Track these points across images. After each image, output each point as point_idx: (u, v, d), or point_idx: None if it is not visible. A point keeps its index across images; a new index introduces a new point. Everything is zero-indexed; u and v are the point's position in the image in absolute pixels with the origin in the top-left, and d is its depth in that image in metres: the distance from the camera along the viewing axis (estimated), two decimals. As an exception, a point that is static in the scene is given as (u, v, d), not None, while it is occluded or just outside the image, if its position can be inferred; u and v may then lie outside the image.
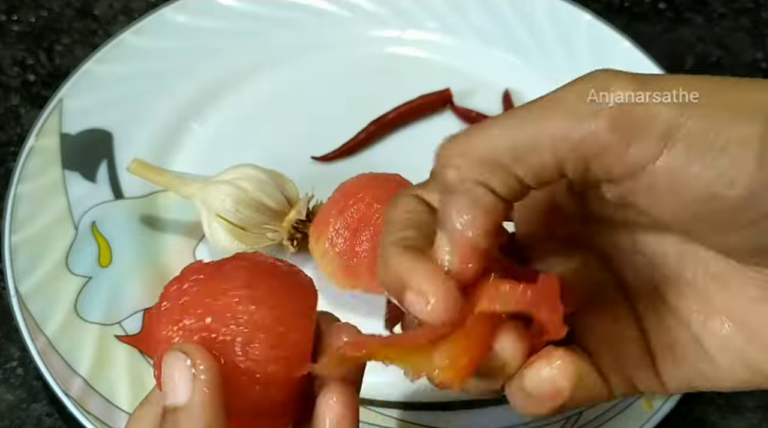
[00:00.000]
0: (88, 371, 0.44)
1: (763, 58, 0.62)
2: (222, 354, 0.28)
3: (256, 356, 0.29)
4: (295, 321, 0.30)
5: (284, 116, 0.57)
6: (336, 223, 0.45)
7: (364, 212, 0.44)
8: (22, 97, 0.59)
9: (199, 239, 0.50)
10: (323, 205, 0.47)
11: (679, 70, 0.61)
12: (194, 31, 0.58)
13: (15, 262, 0.47)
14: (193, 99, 0.56)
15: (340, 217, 0.45)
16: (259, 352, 0.29)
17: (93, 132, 0.53)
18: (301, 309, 0.30)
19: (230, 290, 0.29)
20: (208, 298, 0.29)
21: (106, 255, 0.49)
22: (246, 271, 0.30)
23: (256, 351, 0.29)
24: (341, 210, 0.45)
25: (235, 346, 0.28)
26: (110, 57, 0.56)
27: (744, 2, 0.66)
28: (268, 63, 0.59)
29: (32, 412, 0.46)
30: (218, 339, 0.29)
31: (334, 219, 0.45)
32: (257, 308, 0.29)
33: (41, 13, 0.63)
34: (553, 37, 0.59)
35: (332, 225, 0.45)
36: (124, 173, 0.52)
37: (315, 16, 0.60)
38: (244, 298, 0.29)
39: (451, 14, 0.60)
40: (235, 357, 0.28)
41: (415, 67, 0.59)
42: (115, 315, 0.46)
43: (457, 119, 0.57)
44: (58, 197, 0.50)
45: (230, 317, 0.29)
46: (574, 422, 0.43)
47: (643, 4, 0.66)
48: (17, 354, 0.48)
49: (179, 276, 0.30)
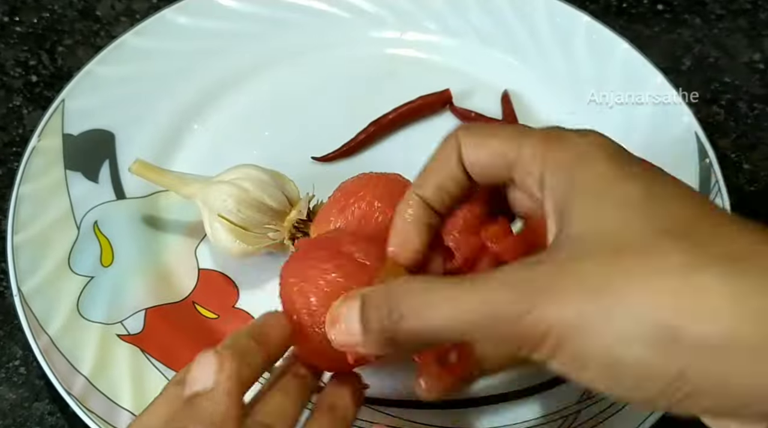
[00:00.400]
0: (90, 370, 0.44)
1: (760, 59, 0.63)
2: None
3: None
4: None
5: (284, 117, 0.57)
6: (337, 222, 0.45)
7: (365, 210, 0.45)
8: (24, 97, 0.59)
9: (200, 239, 0.51)
10: (324, 204, 0.48)
11: (677, 71, 0.62)
12: (195, 32, 0.59)
13: (17, 262, 0.47)
14: (194, 99, 0.57)
15: (340, 215, 0.45)
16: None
17: (95, 133, 0.54)
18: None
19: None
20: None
21: (107, 255, 0.49)
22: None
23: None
24: (342, 209, 0.45)
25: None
26: (112, 58, 0.56)
27: (742, 3, 0.66)
28: (269, 64, 0.59)
29: (35, 411, 0.46)
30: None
31: (335, 218, 0.45)
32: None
33: (43, 14, 0.64)
34: (552, 38, 0.59)
35: (333, 224, 0.45)
36: (126, 174, 0.52)
37: (315, 17, 0.60)
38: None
39: (450, 15, 0.61)
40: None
41: (415, 67, 0.59)
42: (117, 315, 0.47)
43: (456, 120, 0.57)
44: (60, 198, 0.50)
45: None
46: (573, 421, 0.43)
47: (642, 5, 0.66)
48: (20, 353, 0.48)
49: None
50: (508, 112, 0.56)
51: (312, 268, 0.37)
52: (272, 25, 0.60)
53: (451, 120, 0.57)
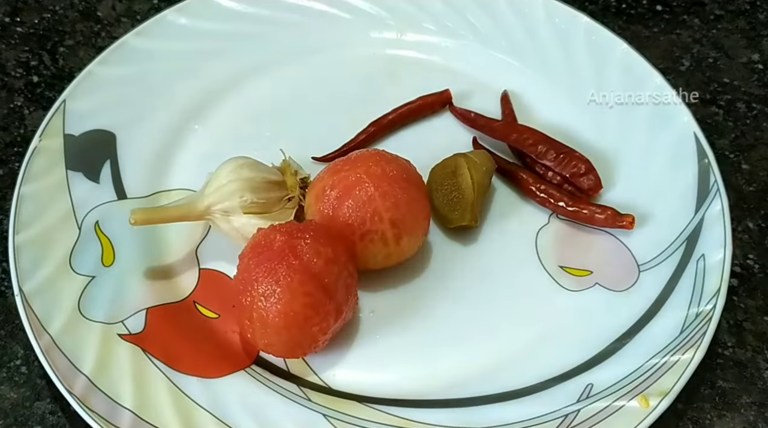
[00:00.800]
0: (91, 369, 0.44)
1: (758, 59, 0.63)
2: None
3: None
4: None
5: (285, 117, 0.57)
6: (329, 182, 0.46)
7: (353, 182, 0.46)
8: (25, 98, 0.59)
9: (201, 239, 0.51)
10: (319, 173, 0.49)
11: (676, 71, 0.62)
12: (196, 33, 0.59)
13: (19, 262, 0.47)
14: (194, 100, 0.57)
15: (332, 178, 0.46)
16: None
17: (96, 133, 0.54)
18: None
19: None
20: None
21: (109, 255, 0.49)
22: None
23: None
24: (334, 172, 0.47)
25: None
26: (113, 59, 0.56)
27: (740, 4, 0.66)
28: (269, 64, 0.59)
29: (36, 410, 0.46)
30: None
31: (327, 179, 0.47)
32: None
33: (45, 15, 0.64)
34: (552, 39, 0.59)
35: (324, 183, 0.47)
36: (127, 174, 0.52)
37: (316, 19, 0.61)
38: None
39: (450, 17, 0.61)
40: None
41: (415, 68, 0.60)
42: (118, 314, 0.47)
43: (456, 120, 0.57)
44: (61, 198, 0.50)
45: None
46: (572, 420, 0.43)
47: (641, 6, 0.66)
48: (21, 352, 0.48)
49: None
50: (507, 112, 0.57)
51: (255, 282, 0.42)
52: (272, 26, 0.60)
53: (451, 120, 0.57)
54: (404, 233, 0.46)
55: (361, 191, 0.45)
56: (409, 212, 0.46)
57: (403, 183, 0.46)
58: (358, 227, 0.45)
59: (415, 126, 0.57)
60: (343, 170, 0.46)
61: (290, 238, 0.42)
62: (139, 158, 0.54)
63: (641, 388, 0.43)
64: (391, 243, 0.46)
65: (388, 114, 0.56)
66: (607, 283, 0.49)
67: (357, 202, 0.45)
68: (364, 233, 0.45)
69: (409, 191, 0.46)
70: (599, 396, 0.44)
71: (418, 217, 0.47)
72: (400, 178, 0.46)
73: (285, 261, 0.42)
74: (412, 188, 0.46)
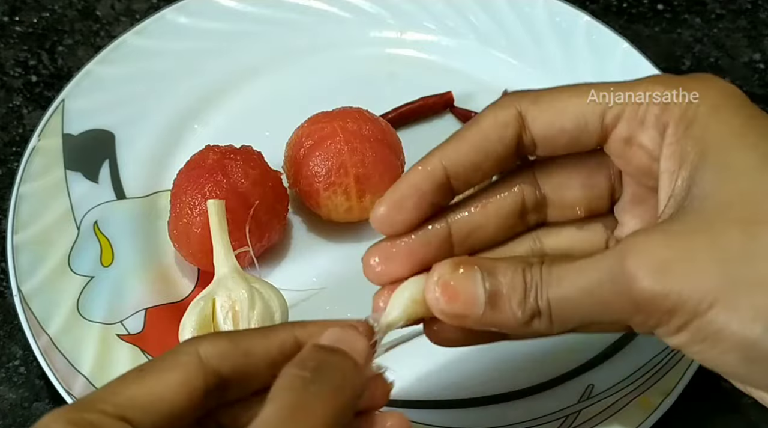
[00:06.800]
0: (90, 370, 0.44)
1: (760, 59, 0.63)
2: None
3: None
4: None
5: (285, 117, 0.57)
6: (306, 131, 0.49)
7: (327, 132, 0.48)
8: (24, 97, 0.59)
9: (200, 239, 0.51)
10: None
11: (677, 70, 0.62)
12: (195, 33, 0.59)
13: (17, 262, 0.47)
14: (195, 100, 0.57)
15: (309, 127, 0.49)
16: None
17: (95, 133, 0.54)
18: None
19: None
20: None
21: (107, 255, 0.49)
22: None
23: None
24: (313, 122, 0.49)
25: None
26: (112, 58, 0.56)
27: (742, 3, 0.66)
28: (269, 64, 0.59)
29: (35, 411, 0.46)
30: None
31: (306, 127, 0.49)
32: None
33: (43, 14, 0.64)
34: (552, 38, 0.59)
35: (302, 131, 0.50)
36: (126, 173, 0.52)
37: (316, 18, 0.61)
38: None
39: (450, 16, 0.61)
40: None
41: (415, 68, 0.59)
42: (117, 314, 0.47)
43: (456, 120, 0.57)
44: (60, 197, 0.50)
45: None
46: (573, 420, 0.43)
47: (642, 5, 0.66)
48: (20, 353, 0.48)
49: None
50: (508, 112, 0.56)
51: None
52: (272, 25, 0.60)
53: (450, 120, 0.57)
54: (368, 191, 0.48)
55: (332, 143, 0.48)
56: (376, 171, 0.48)
57: (375, 143, 0.48)
58: (324, 177, 0.47)
59: (416, 126, 0.57)
60: (321, 122, 0.49)
61: (222, 158, 0.47)
62: (138, 158, 0.53)
63: (643, 388, 0.43)
64: (353, 198, 0.48)
65: (388, 114, 0.56)
66: (608, 283, 0.49)
67: (327, 153, 0.48)
68: (329, 184, 0.47)
69: (380, 151, 0.48)
70: (601, 397, 0.44)
71: (384, 177, 0.48)
72: (373, 137, 0.48)
73: (213, 177, 0.46)
74: (385, 150, 0.49)
